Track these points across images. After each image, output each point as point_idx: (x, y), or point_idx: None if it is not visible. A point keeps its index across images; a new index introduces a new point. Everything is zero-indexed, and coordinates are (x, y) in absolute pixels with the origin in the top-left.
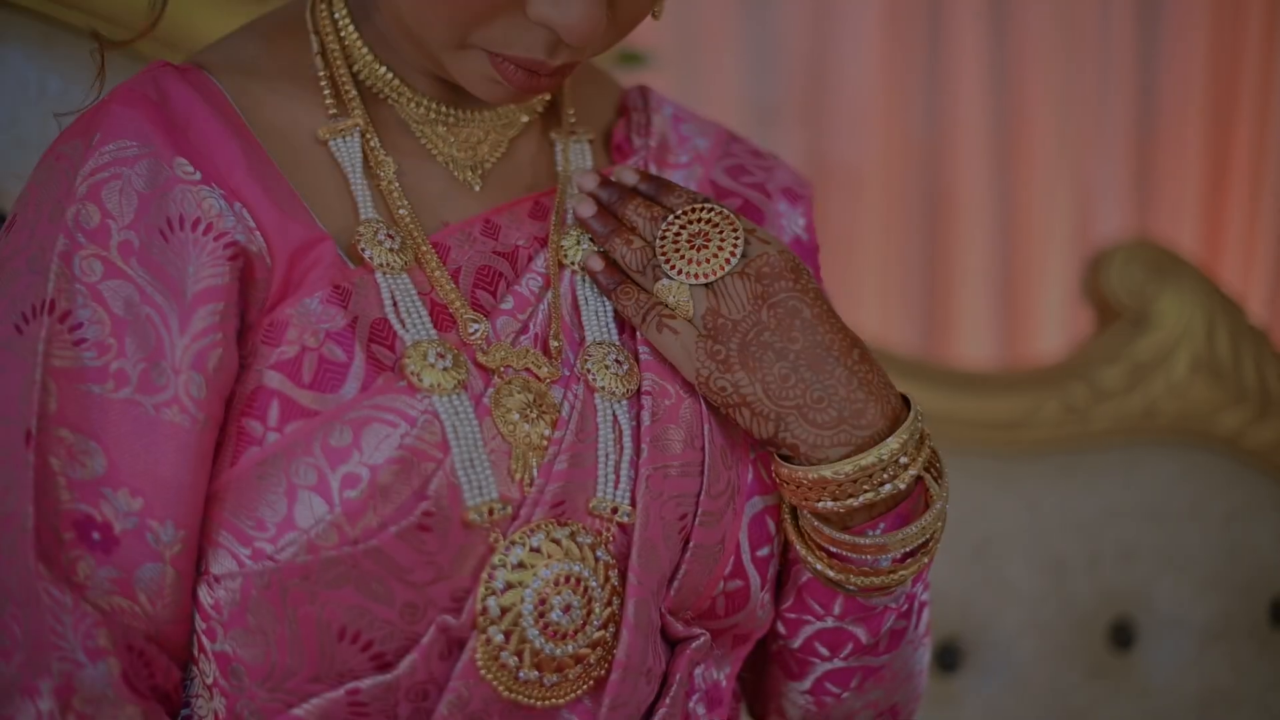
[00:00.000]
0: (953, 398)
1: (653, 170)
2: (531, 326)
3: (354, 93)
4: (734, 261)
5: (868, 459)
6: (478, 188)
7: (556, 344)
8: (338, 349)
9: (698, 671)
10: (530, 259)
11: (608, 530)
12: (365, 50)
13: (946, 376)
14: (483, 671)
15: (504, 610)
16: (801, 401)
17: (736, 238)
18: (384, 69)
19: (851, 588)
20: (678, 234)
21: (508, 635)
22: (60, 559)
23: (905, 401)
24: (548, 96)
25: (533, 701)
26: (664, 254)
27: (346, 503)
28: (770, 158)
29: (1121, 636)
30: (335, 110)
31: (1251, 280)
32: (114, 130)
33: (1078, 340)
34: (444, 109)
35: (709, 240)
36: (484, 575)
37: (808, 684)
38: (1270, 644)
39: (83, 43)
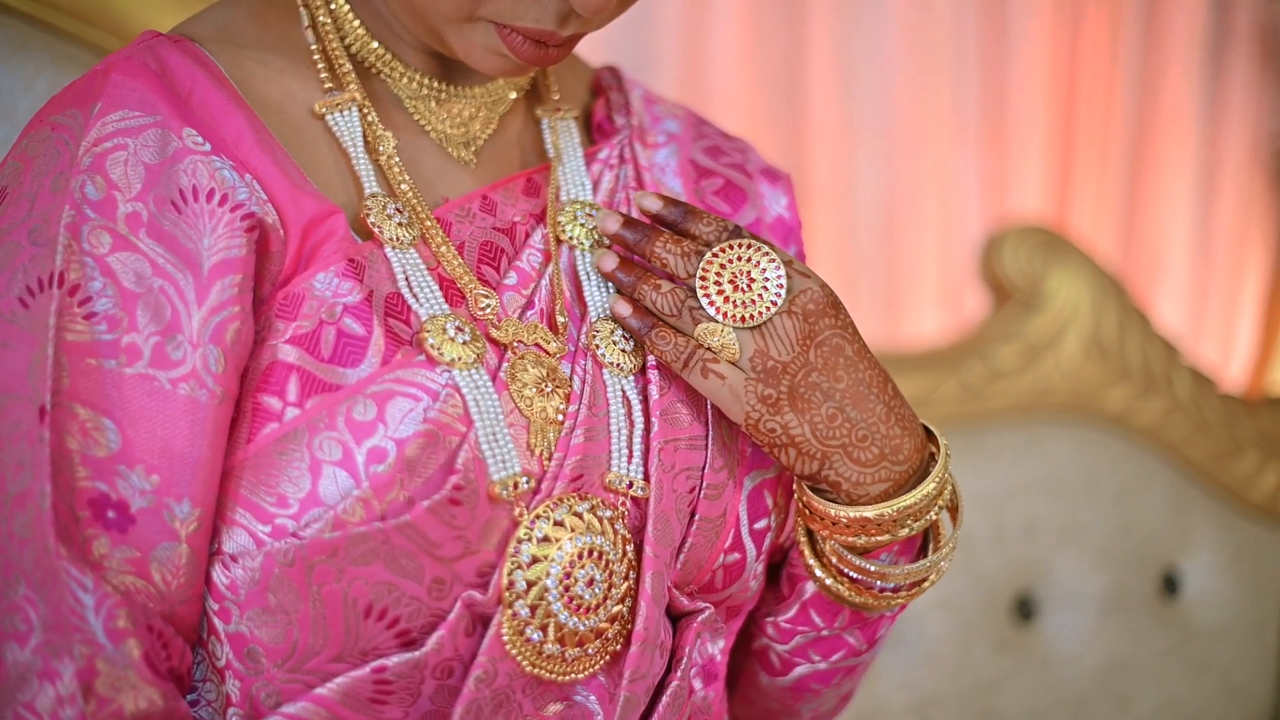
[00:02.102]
0: None
1: (638, 150)
2: (537, 302)
3: (348, 67)
4: (780, 301)
5: (908, 500)
6: (473, 164)
7: (563, 319)
8: (355, 323)
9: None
10: (528, 235)
11: (622, 504)
12: (357, 24)
13: None
14: (508, 646)
15: (530, 584)
16: (847, 441)
17: (780, 274)
18: (376, 43)
19: (865, 606)
20: (719, 273)
21: (533, 609)
22: (77, 538)
23: (927, 431)
24: (531, 75)
25: (554, 676)
26: (706, 295)
27: (374, 477)
28: (739, 140)
29: (1025, 609)
30: (330, 84)
31: (1098, 252)
32: (117, 100)
33: (954, 323)
34: (435, 84)
35: (753, 280)
36: (510, 549)
37: (789, 681)
38: (1162, 615)
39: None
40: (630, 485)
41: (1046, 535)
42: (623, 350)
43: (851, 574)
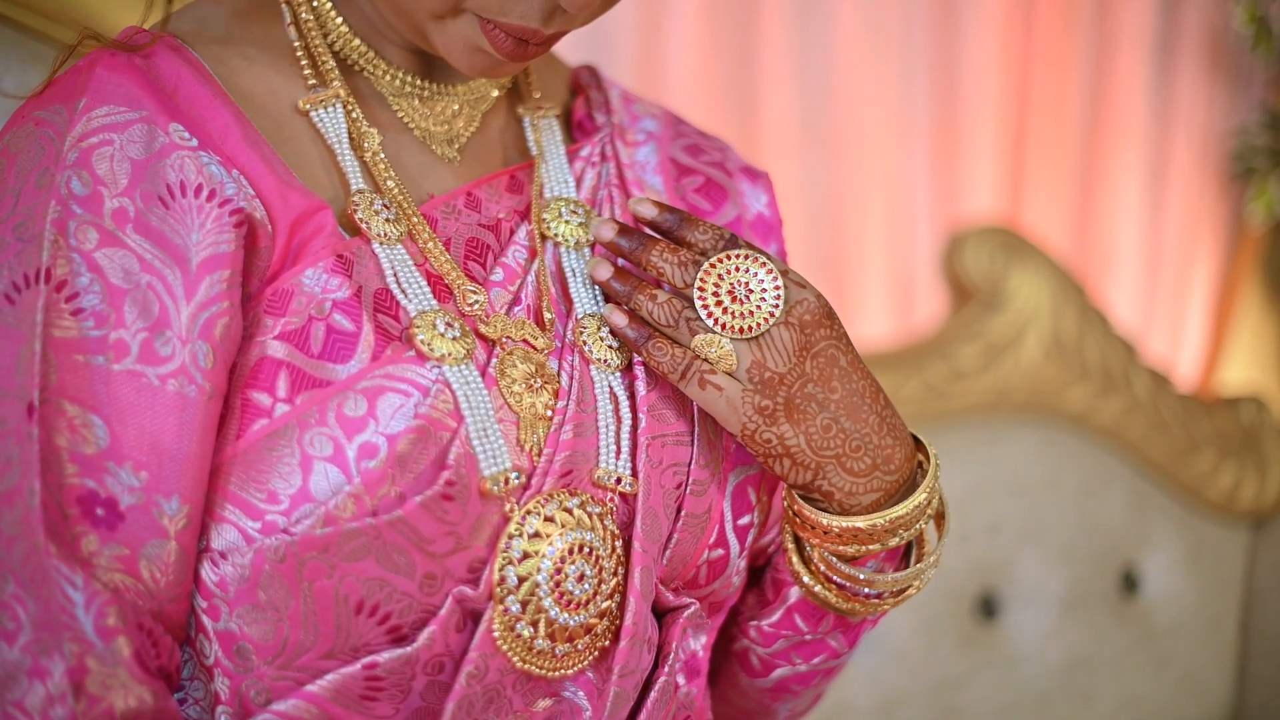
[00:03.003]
0: None
1: (619, 148)
2: (523, 298)
3: (331, 64)
4: (778, 313)
5: (899, 511)
6: (457, 161)
7: (550, 316)
8: (345, 319)
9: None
10: (512, 232)
11: (611, 500)
12: (339, 21)
13: None
14: (499, 642)
15: (521, 580)
16: (840, 451)
17: (777, 285)
18: (358, 40)
19: (851, 612)
20: (716, 284)
21: (524, 605)
22: (66, 535)
23: (915, 439)
24: (513, 74)
25: (543, 672)
26: (704, 305)
27: (366, 473)
28: (717, 139)
29: (987, 607)
30: (314, 81)
31: (1051, 252)
32: (102, 95)
33: (907, 324)
34: (417, 81)
35: (750, 291)
36: (501, 545)
37: (769, 682)
38: (1121, 612)
39: None
40: (619, 481)
41: (1008, 534)
42: (609, 346)
43: (839, 581)
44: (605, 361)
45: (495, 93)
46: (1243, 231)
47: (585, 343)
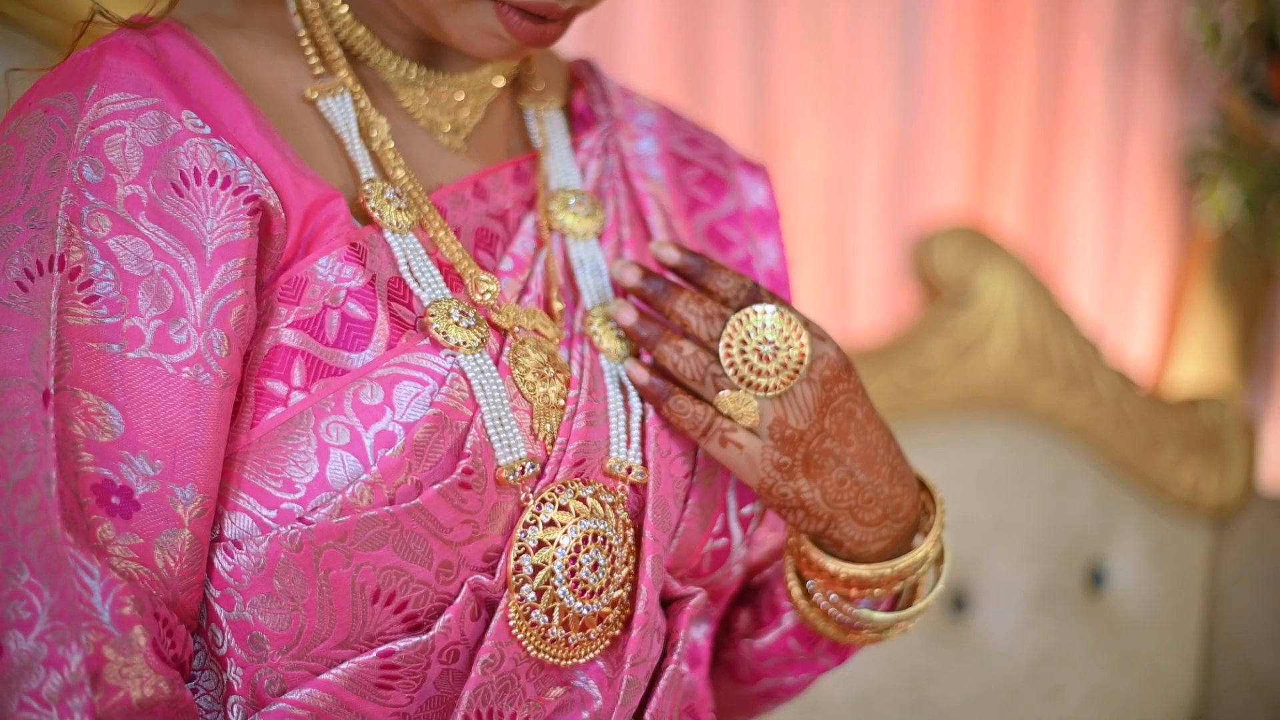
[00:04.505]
0: None
1: (621, 140)
2: (532, 287)
3: (337, 53)
4: (802, 371)
5: (904, 563)
6: (463, 151)
7: (559, 305)
8: (359, 308)
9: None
10: (519, 222)
11: (622, 489)
12: (344, 10)
13: None
14: (514, 630)
15: (536, 569)
16: (854, 503)
17: (801, 342)
18: (362, 29)
19: (848, 642)
20: (743, 341)
21: (539, 593)
22: (81, 524)
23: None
24: (515, 64)
25: (557, 660)
26: (731, 364)
27: (383, 461)
28: (713, 133)
29: (958, 602)
30: (320, 69)
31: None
32: (113, 82)
33: (885, 319)
34: (421, 70)
35: (776, 349)
36: (517, 534)
37: (756, 690)
38: (1088, 609)
39: None
40: (629, 470)
41: (978, 529)
42: (618, 336)
43: (839, 617)
44: (615, 352)
45: (499, 82)
46: (1195, 233)
47: (595, 333)
